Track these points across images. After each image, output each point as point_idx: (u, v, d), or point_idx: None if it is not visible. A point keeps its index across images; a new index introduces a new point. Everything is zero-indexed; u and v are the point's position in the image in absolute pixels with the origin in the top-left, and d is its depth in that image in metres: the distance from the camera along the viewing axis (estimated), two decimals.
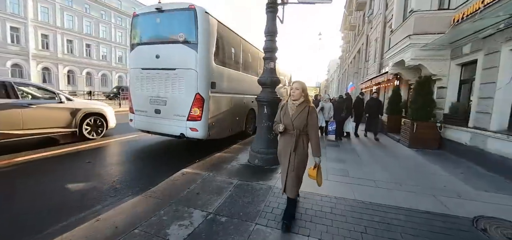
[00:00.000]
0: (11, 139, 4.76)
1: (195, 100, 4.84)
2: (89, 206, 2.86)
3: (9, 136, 4.66)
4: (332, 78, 56.24)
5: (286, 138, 2.39)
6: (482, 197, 3.42)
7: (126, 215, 2.51)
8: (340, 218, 2.60)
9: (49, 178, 3.65)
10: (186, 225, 2.37)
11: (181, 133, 5.00)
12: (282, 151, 2.45)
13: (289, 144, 2.34)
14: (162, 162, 4.83)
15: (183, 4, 4.83)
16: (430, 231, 2.43)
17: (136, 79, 5.39)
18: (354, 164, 4.88)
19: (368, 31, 17.76)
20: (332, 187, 3.47)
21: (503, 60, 4.64)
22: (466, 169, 4.75)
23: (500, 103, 4.69)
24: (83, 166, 4.28)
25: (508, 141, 4.35)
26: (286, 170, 2.37)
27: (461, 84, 6.42)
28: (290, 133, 2.34)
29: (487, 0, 4.74)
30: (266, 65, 4.47)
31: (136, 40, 5.37)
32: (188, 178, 3.60)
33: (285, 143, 2.40)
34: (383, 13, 13.39)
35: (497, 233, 2.45)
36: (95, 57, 34.75)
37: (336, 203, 2.94)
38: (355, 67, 23.72)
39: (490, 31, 4.90)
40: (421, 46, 6.59)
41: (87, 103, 6.50)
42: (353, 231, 2.37)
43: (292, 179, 2.35)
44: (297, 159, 2.33)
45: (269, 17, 4.32)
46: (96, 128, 6.26)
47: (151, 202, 2.81)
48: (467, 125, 5.56)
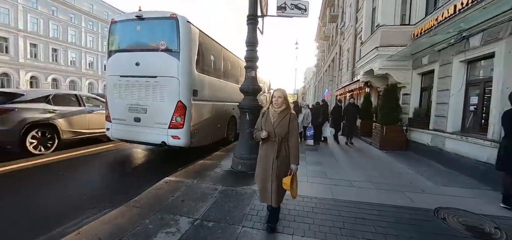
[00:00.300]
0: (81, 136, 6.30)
1: (177, 108, 4.82)
2: (69, 218, 2.72)
3: (81, 133, 6.29)
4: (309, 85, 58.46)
5: (268, 146, 2.37)
6: (442, 190, 3.87)
7: (109, 226, 2.45)
8: (320, 216, 2.79)
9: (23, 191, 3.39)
10: (173, 232, 2.39)
11: (163, 142, 4.93)
12: (263, 158, 2.41)
13: (271, 152, 2.33)
14: (142, 172, 4.71)
15: (164, 13, 4.85)
16: (398, 223, 2.72)
17: (114, 86, 5.22)
18: (331, 166, 5.20)
19: (341, 41, 18.93)
20: (312, 188, 3.69)
21: (454, 70, 5.33)
22: (428, 167, 5.29)
23: (453, 107, 5.35)
24: (57, 177, 4.02)
25: (461, 141, 4.96)
26: (268, 177, 2.33)
27: (422, 91, 7.17)
28: (272, 140, 2.34)
29: (440, 18, 5.46)
30: (248, 73, 4.63)
31: (114, 47, 5.23)
32: (171, 186, 3.58)
33: (267, 151, 2.37)
34: (354, 26, 14.42)
35: (454, 221, 2.81)
36: (62, 62, 32.36)
37: (316, 203, 3.14)
38: (330, 75, 24.97)
39: (443, 45, 5.61)
40: (387, 57, 7.27)
41: None
42: (332, 227, 2.57)
43: (276, 187, 2.32)
44: (280, 166, 2.32)
45: (249, 28, 4.51)
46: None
47: (135, 212, 2.76)
48: (428, 128, 6.22)
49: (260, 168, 2.43)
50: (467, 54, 4.94)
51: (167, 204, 3.00)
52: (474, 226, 2.72)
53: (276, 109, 2.36)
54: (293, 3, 4.63)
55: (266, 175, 2.35)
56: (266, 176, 2.35)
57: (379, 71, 7.60)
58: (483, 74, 4.83)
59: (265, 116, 2.41)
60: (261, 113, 2.48)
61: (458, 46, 5.17)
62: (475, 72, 5.05)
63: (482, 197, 3.59)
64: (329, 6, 23.58)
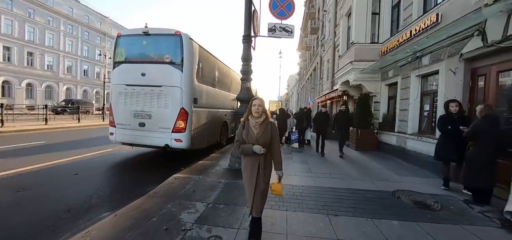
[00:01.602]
0: None
1: (180, 114, 5.42)
2: (98, 208, 3.23)
3: None
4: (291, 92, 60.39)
5: (252, 157, 2.27)
6: (401, 179, 4.84)
7: (139, 210, 3.02)
8: (307, 198, 3.57)
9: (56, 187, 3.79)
10: (193, 212, 3.02)
11: (166, 144, 5.48)
12: (248, 170, 2.31)
13: (256, 163, 2.26)
14: (148, 172, 5.20)
15: (169, 30, 5.48)
16: (365, 201, 3.57)
17: (119, 94, 5.69)
18: (314, 163, 6.05)
19: (321, 53, 20.37)
20: (300, 180, 4.48)
21: (412, 83, 6.49)
22: (393, 163, 6.33)
23: (412, 113, 6.48)
24: (73, 177, 4.44)
25: (418, 140, 6.06)
26: (253, 189, 2.27)
27: (389, 100, 8.37)
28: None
29: (400, 40, 6.65)
30: (243, 84, 5.37)
31: (120, 58, 5.73)
32: (181, 181, 4.17)
33: (252, 162, 2.28)
34: (333, 39, 15.79)
35: (405, 198, 3.72)
36: (39, 66, 30.89)
37: (303, 190, 3.92)
38: (312, 83, 26.44)
39: (403, 62, 6.78)
40: (360, 70, 8.41)
41: None
42: (316, 204, 3.35)
43: (261, 196, 2.30)
44: (266, 176, 2.31)
45: (245, 46, 5.28)
46: None
47: (157, 200, 3.34)
48: (394, 130, 7.34)
49: (245, 180, 2.35)
50: (420, 70, 6.11)
51: (181, 194, 3.61)
52: (420, 201, 3.65)
53: (257, 120, 2.28)
54: (282, 27, 5.49)
55: (251, 185, 2.28)
56: (251, 186, 2.28)
57: (354, 82, 8.72)
58: (432, 87, 6.00)
59: (246, 128, 2.31)
60: (241, 125, 2.36)
61: (414, 63, 6.33)
62: (427, 85, 6.22)
63: (430, 183, 4.60)
64: (310, 19, 25.16)
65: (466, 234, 2.72)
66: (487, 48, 4.07)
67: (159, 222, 2.72)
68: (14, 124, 10.37)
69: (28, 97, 30.01)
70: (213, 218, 2.88)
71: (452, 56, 4.94)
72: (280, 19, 5.54)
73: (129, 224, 2.64)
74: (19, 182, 4.04)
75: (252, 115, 2.30)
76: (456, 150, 3.97)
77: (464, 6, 4.54)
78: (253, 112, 2.29)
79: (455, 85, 4.88)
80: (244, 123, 2.34)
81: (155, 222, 2.72)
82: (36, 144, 7.44)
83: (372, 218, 2.99)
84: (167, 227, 2.61)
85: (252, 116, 2.31)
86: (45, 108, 11.32)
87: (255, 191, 2.27)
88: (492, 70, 4.21)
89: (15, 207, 3.20)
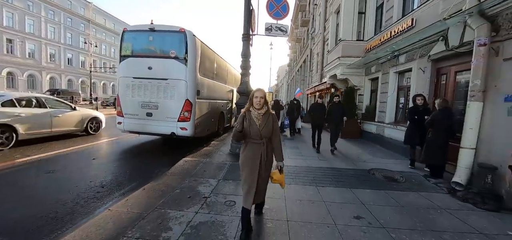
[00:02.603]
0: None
1: (185, 105, 5.97)
2: (124, 185, 3.82)
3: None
4: (281, 83, 61.22)
5: (254, 148, 2.31)
6: (377, 161, 5.72)
7: (162, 184, 3.64)
8: (299, 175, 4.33)
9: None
10: (208, 185, 3.68)
11: (172, 132, 6.04)
12: (248, 161, 2.32)
13: (258, 154, 2.29)
14: (157, 157, 5.77)
15: (174, 27, 5.93)
16: (346, 175, 4.39)
17: (126, 86, 6.13)
18: (305, 148, 6.85)
19: (311, 46, 21.06)
20: (292, 161, 5.23)
21: (390, 78, 7.35)
22: (373, 148, 7.24)
23: (389, 105, 7.38)
24: (91, 162, 4.94)
25: (394, 129, 6.97)
26: (255, 179, 2.28)
27: (371, 93, 9.27)
28: (258, 142, 2.30)
29: (382, 39, 7.45)
30: (243, 78, 5.98)
31: (127, 53, 6.13)
32: (191, 164, 4.80)
33: (254, 153, 2.30)
34: (322, 33, 16.49)
35: (378, 174, 4.58)
36: (19, 54, 29.54)
37: (296, 168, 4.69)
38: (302, 75, 27.23)
39: (384, 59, 7.61)
40: (347, 65, 9.20)
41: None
42: (307, 179, 4.12)
43: (263, 185, 2.40)
44: (268, 166, 2.36)
45: (244, 44, 5.85)
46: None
47: (174, 178, 3.96)
48: (374, 120, 8.26)
49: (246, 172, 2.33)
50: (397, 68, 6.96)
51: (194, 173, 4.25)
52: (389, 176, 4.51)
53: (259, 111, 2.30)
54: (277, 26, 6.10)
55: (253, 177, 2.29)
56: (254, 178, 2.29)
57: (341, 76, 9.53)
58: (406, 82, 6.88)
59: (248, 119, 2.31)
60: (241, 116, 2.34)
61: (392, 61, 7.18)
62: (402, 81, 7.10)
63: (400, 163, 5.51)
64: (301, 11, 25.67)
65: (420, 198, 3.58)
66: (448, 51, 4.91)
67: (182, 193, 3.36)
68: None
69: (9, 87, 28.80)
70: (225, 189, 3.56)
71: (422, 57, 5.79)
72: (276, 19, 6.14)
73: (158, 195, 3.27)
74: (44, 166, 4.51)
75: (254, 106, 2.31)
76: (420, 136, 4.84)
77: (433, 14, 5.34)
78: (255, 104, 2.29)
79: (423, 82, 5.75)
80: (245, 114, 2.33)
81: (179, 193, 3.37)
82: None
83: (351, 188, 3.80)
84: (190, 196, 3.27)
85: (253, 107, 2.32)
86: None
87: (258, 182, 2.29)
88: (451, 70, 5.08)
89: (53, 185, 3.72)
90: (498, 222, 2.88)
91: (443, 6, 5.08)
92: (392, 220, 2.81)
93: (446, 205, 3.32)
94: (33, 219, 2.67)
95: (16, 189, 3.48)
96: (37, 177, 4.00)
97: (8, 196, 3.25)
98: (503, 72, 3.59)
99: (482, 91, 3.77)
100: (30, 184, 3.70)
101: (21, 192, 3.39)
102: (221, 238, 2.33)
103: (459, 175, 3.89)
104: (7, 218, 2.68)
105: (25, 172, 4.20)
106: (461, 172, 3.89)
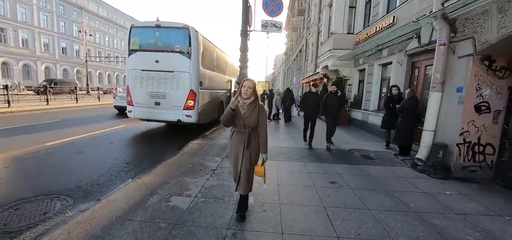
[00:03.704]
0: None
1: (189, 94, 6.64)
2: (145, 162, 4.56)
3: None
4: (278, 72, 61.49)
5: (237, 136, 2.37)
6: (359, 143, 6.56)
7: (178, 161, 4.40)
8: (291, 153, 5.14)
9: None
10: (214, 162, 4.46)
11: (178, 119, 6.74)
12: (233, 149, 2.40)
13: (241, 142, 2.34)
14: (165, 142, 6.50)
15: (179, 24, 6.51)
16: (329, 155, 5.21)
17: (135, 78, 6.75)
18: (297, 134, 7.66)
19: (307, 36, 21.53)
20: (285, 143, 6.04)
21: (375, 70, 8.10)
22: (357, 133, 8.09)
23: (373, 94, 8.18)
24: (111, 145, 5.66)
25: (376, 116, 7.80)
26: (238, 168, 2.36)
27: (359, 83, 10.04)
28: (242, 131, 2.34)
29: (369, 34, 8.13)
30: (241, 70, 6.64)
31: (135, 47, 6.70)
32: (198, 146, 5.56)
33: (237, 142, 2.37)
34: (317, 24, 17.02)
35: (357, 153, 5.42)
36: (12, 43, 29.27)
37: (289, 149, 5.50)
38: (297, 64, 27.75)
39: (370, 52, 8.33)
40: (337, 57, 9.90)
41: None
42: (296, 157, 4.93)
43: (245, 175, 2.37)
44: (250, 156, 2.37)
45: (242, 39, 6.45)
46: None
47: (186, 156, 4.73)
48: (361, 108, 9.08)
49: (232, 159, 2.44)
50: (381, 60, 7.70)
51: (201, 153, 5.02)
52: (365, 154, 5.35)
53: (245, 100, 2.32)
54: (272, 23, 6.71)
55: (237, 165, 2.37)
56: (237, 166, 2.37)
57: (332, 67, 10.24)
58: (388, 74, 7.64)
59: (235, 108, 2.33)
60: (230, 105, 2.32)
61: (377, 54, 7.91)
62: (385, 73, 7.86)
63: (377, 145, 6.36)
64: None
65: (386, 170, 4.42)
66: (420, 48, 5.65)
67: (194, 167, 4.13)
68: (19, 105, 10.92)
69: (4, 77, 28.68)
70: (228, 164, 4.31)
71: (401, 51, 6.53)
72: (271, 16, 6.75)
73: (175, 168, 4.03)
74: (72, 148, 5.22)
75: (241, 95, 2.32)
76: (395, 121, 5.66)
77: (411, 14, 6.02)
78: (243, 93, 2.31)
79: (401, 74, 6.52)
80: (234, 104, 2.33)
81: (191, 167, 4.13)
82: (56, 121, 8.38)
83: (331, 163, 4.63)
84: (201, 169, 4.04)
85: (241, 96, 2.33)
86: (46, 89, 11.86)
87: (240, 171, 2.35)
88: (423, 64, 5.85)
89: (87, 162, 4.44)
90: (440, 186, 3.75)
91: (418, 7, 5.78)
92: (359, 184, 3.64)
93: (406, 175, 4.17)
94: (83, 185, 3.42)
95: (58, 165, 4.19)
96: (71, 156, 4.71)
97: (56, 171, 3.96)
98: (457, 68, 4.36)
99: (441, 83, 4.56)
100: (68, 161, 4.42)
101: (65, 167, 4.12)
102: (228, 193, 3.13)
103: (421, 153, 4.74)
104: (64, 185, 3.41)
105: (59, 153, 4.90)
106: (422, 150, 4.74)
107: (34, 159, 4.43)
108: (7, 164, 4.07)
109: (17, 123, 7.58)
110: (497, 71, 4.05)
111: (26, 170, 3.92)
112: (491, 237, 2.42)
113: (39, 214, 2.61)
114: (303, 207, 2.85)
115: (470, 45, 4.07)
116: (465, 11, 4.14)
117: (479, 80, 4.07)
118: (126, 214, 2.52)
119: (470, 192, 3.55)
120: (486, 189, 3.70)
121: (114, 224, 2.33)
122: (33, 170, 3.90)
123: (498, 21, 3.55)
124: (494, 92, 4.09)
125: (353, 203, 2.99)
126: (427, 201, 3.18)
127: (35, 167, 4.03)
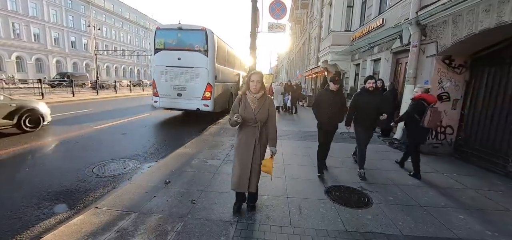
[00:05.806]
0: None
1: (207, 87, 7.82)
2: (178, 140, 5.79)
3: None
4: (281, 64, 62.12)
5: (248, 131, 2.32)
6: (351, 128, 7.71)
7: (203, 140, 5.62)
8: (292, 135, 6.34)
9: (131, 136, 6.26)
10: (231, 140, 5.66)
11: (197, 108, 7.95)
12: (243, 144, 2.33)
13: (252, 137, 2.29)
14: (183, 129, 7.73)
15: (197, 26, 7.64)
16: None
17: (161, 73, 7.94)
18: (299, 122, 8.85)
19: (310, 29, 22.34)
20: (289, 127, 7.24)
21: (368, 64, 9.16)
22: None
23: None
24: (143, 128, 6.91)
25: None
26: (249, 164, 2.30)
27: (355, 76, 11.09)
28: (253, 125, 2.30)
29: (363, 32, 9.16)
30: (251, 66, 7.77)
31: (160, 46, 7.86)
32: (215, 129, 6.79)
33: (247, 136, 2.32)
34: (319, 19, 17.84)
35: (347, 136, 6.58)
36: (25, 38, 30.49)
37: (291, 132, 6.71)
38: (301, 56, 28.53)
39: (363, 49, 9.37)
40: (336, 53, 10.94)
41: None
42: (297, 137, 6.13)
43: (256, 172, 2.34)
44: (261, 150, 2.35)
45: (251, 39, 7.57)
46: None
47: (208, 136, 5.95)
48: None
49: (240, 155, 2.35)
50: (372, 56, 8.76)
51: (220, 133, 6.24)
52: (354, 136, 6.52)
53: (254, 95, 2.28)
54: (277, 25, 7.80)
55: (247, 161, 2.30)
56: (247, 162, 2.30)
57: (331, 61, 11.29)
58: (378, 69, 8.70)
59: (243, 102, 2.30)
60: (237, 98, 2.33)
61: (369, 51, 8.95)
62: (376, 67, 8.92)
63: None
64: None
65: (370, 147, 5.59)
66: (402, 47, 6.71)
67: (216, 143, 5.35)
68: (51, 97, 12.24)
69: (19, 71, 30.06)
70: None
71: (387, 49, 7.58)
72: (276, 19, 7.83)
73: (202, 144, 5.25)
74: (116, 130, 6.48)
75: (250, 89, 2.28)
76: None
77: (396, 17, 7.05)
78: (251, 88, 2.27)
79: (387, 69, 7.60)
80: (241, 97, 2.33)
81: (214, 143, 5.35)
82: (90, 111, 9.67)
83: None
84: (223, 144, 5.26)
85: (249, 91, 2.29)
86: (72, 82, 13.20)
87: (251, 167, 2.30)
88: (403, 61, 6.93)
89: (132, 140, 5.69)
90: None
91: (401, 12, 6.81)
92: (342, 156, 4.84)
93: (381, 150, 5.35)
94: (140, 153, 4.67)
95: (113, 141, 5.44)
96: (119, 136, 5.97)
97: (113, 145, 5.21)
98: (425, 65, 5.45)
99: (413, 77, 5.67)
100: (119, 138, 5.68)
101: (119, 142, 5.39)
102: None
103: (398, 134, 5.90)
104: (124, 154, 4.64)
105: (109, 133, 6.17)
106: (398, 131, 5.89)
107: (92, 138, 5.69)
108: (77, 140, 5.34)
109: (57, 113, 8.86)
110: (455, 68, 5.14)
111: (90, 145, 5.17)
112: (438, 187, 3.62)
113: (121, 168, 3.87)
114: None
115: (434, 47, 5.16)
116: (432, 20, 5.21)
117: (441, 75, 5.17)
118: (181, 168, 3.76)
119: (429, 161, 4.72)
120: (442, 161, 4.88)
121: (174, 173, 3.56)
122: (97, 145, 5.17)
123: (452, 30, 4.63)
124: (453, 85, 5.20)
125: (337, 164, 4.20)
126: (396, 166, 4.38)
127: (97, 143, 5.29)
